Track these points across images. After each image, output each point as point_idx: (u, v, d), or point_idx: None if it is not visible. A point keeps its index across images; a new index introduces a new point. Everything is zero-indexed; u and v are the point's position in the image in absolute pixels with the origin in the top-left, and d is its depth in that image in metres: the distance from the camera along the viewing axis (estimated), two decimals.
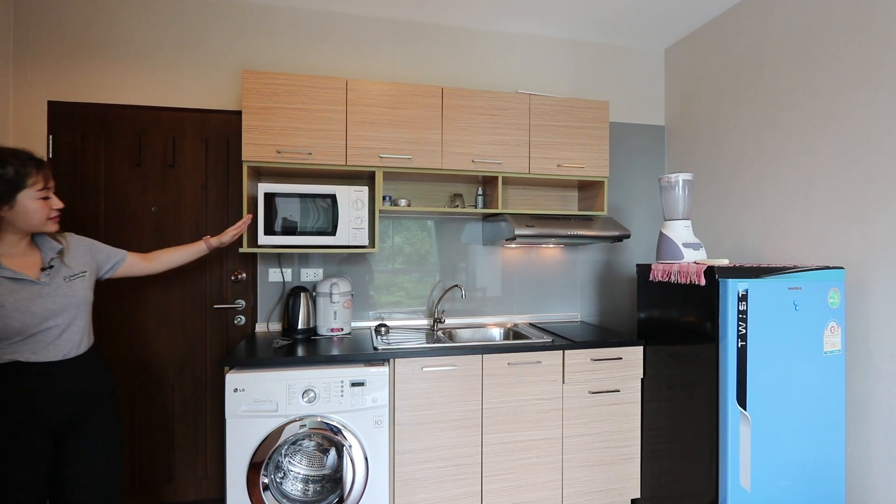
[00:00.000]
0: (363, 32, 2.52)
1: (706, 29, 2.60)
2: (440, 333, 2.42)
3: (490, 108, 2.31)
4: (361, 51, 2.51)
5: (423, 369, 1.96)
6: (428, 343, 2.19)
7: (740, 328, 1.71)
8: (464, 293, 2.42)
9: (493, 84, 2.67)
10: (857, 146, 1.84)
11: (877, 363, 1.78)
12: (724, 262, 1.84)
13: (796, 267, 1.79)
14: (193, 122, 2.31)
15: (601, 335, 2.29)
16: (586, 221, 2.37)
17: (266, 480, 1.76)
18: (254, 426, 1.75)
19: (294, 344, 2.07)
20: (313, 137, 2.11)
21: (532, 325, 2.60)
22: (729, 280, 1.71)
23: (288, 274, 2.41)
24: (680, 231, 2.09)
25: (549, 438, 2.10)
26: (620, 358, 2.17)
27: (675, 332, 1.98)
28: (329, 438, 1.86)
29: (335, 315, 2.24)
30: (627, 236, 2.35)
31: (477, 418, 2.02)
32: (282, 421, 1.77)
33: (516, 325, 2.59)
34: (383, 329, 2.35)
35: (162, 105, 2.29)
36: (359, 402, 1.83)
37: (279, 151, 2.08)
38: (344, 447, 1.81)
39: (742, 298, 1.71)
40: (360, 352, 1.92)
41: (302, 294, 2.23)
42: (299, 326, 2.20)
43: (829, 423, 1.80)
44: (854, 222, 1.85)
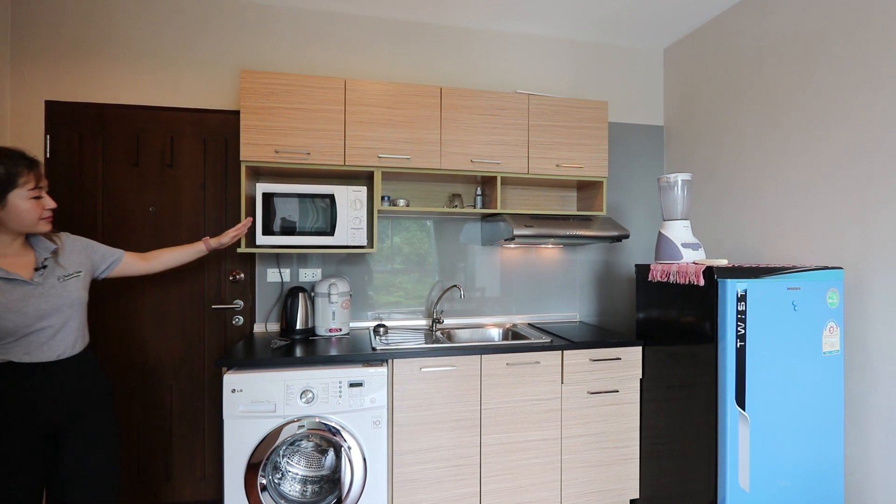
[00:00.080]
0: (362, 32, 2.51)
1: (705, 29, 2.60)
2: (439, 334, 2.42)
3: (489, 108, 2.31)
4: (360, 50, 2.51)
5: (422, 370, 1.96)
6: (427, 343, 2.18)
7: (739, 328, 1.71)
8: (462, 293, 2.41)
9: (492, 84, 2.67)
10: (857, 146, 1.84)
11: (876, 363, 1.78)
12: (723, 263, 1.84)
13: (795, 267, 1.79)
14: (192, 122, 2.30)
15: (600, 335, 2.29)
16: (585, 221, 2.37)
17: (264, 481, 1.76)
18: (252, 427, 1.75)
19: (292, 344, 2.07)
20: (312, 137, 2.11)
21: (531, 326, 2.60)
22: (728, 280, 1.71)
23: (286, 274, 2.41)
24: (679, 231, 2.09)
25: (548, 439, 2.10)
26: (619, 358, 2.17)
27: (674, 333, 1.98)
28: (327, 439, 1.86)
29: (333, 315, 2.23)
30: (626, 236, 2.35)
31: (476, 419, 2.02)
32: (280, 421, 1.76)
33: (515, 326, 2.59)
34: (382, 329, 2.35)
35: (160, 105, 2.28)
36: (357, 403, 1.82)
37: (277, 151, 2.07)
38: (342, 448, 1.80)
39: (741, 299, 1.71)
40: (359, 352, 1.92)
41: (300, 294, 2.22)
42: (297, 327, 2.20)
43: (828, 424, 1.80)
44: (853, 222, 1.85)
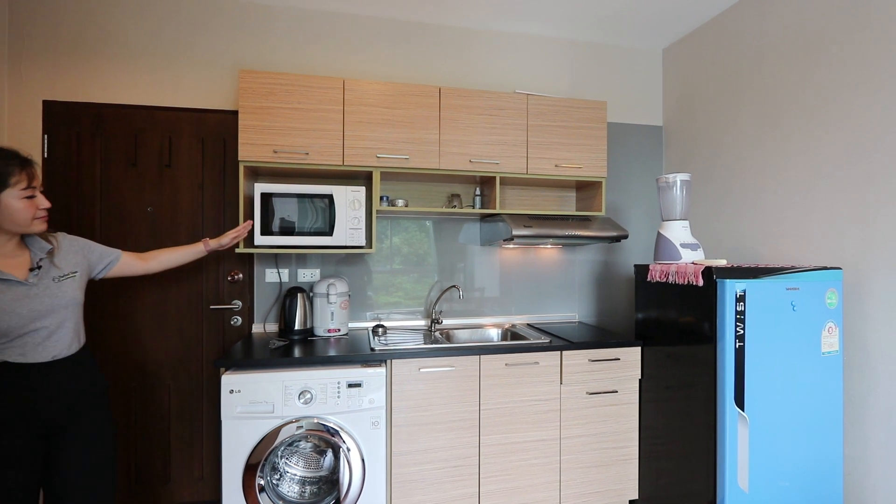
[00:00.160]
0: (361, 32, 2.51)
1: (704, 29, 2.60)
2: (438, 334, 2.41)
3: (488, 108, 2.30)
4: (360, 50, 2.50)
5: (421, 370, 1.96)
6: (425, 344, 2.18)
7: (738, 329, 1.70)
8: (461, 294, 2.41)
9: (491, 84, 2.66)
10: (856, 146, 1.84)
11: (875, 364, 1.78)
12: (722, 263, 1.84)
13: (794, 267, 1.78)
14: (190, 122, 2.30)
15: (599, 336, 2.29)
16: (584, 222, 2.37)
17: (262, 482, 1.76)
18: (250, 427, 1.74)
19: (291, 345, 2.06)
20: (310, 137, 2.10)
21: (530, 326, 2.60)
22: (727, 280, 1.71)
23: (285, 274, 2.40)
24: (678, 231, 2.09)
25: (547, 439, 2.10)
26: (618, 359, 2.17)
27: (673, 333, 1.98)
28: (326, 440, 1.85)
29: (332, 316, 2.23)
30: (625, 237, 2.35)
31: (474, 419, 2.02)
32: (278, 422, 1.76)
33: (514, 326, 2.58)
34: (380, 330, 2.34)
35: (158, 105, 2.28)
36: (356, 404, 1.82)
37: (276, 151, 2.07)
38: (341, 448, 1.80)
39: (740, 299, 1.70)
40: (357, 352, 1.92)
41: (299, 295, 2.22)
42: (296, 327, 2.19)
43: (827, 424, 1.80)
44: (852, 223, 1.85)
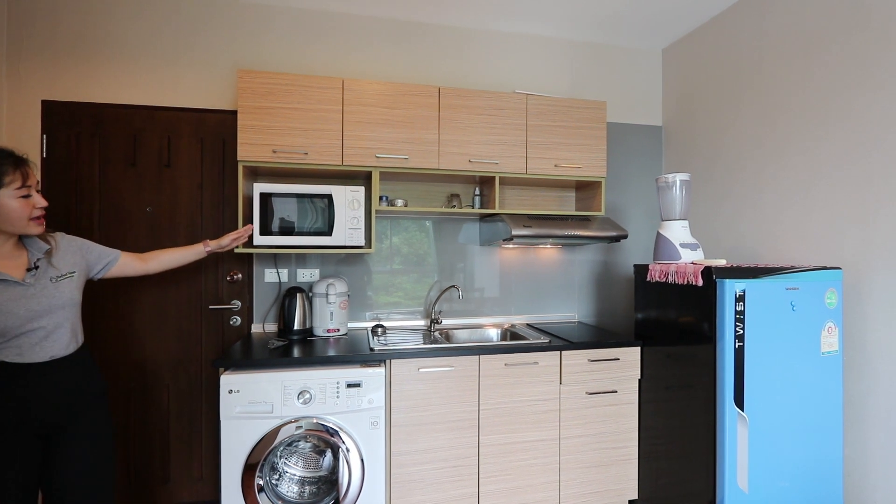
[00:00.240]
0: (361, 32, 2.51)
1: (704, 29, 2.59)
2: (437, 334, 2.41)
3: (487, 108, 2.30)
4: (359, 50, 2.50)
5: (420, 370, 1.95)
6: (425, 344, 2.17)
7: (738, 329, 1.70)
8: (461, 294, 2.41)
9: (491, 84, 2.66)
10: (856, 146, 1.83)
11: (874, 364, 1.78)
12: (722, 263, 1.84)
13: (794, 267, 1.78)
14: (189, 122, 2.30)
15: (598, 336, 2.29)
16: (583, 222, 2.37)
17: (261, 482, 1.75)
18: (249, 428, 1.74)
19: (290, 345, 2.06)
20: (309, 137, 2.10)
21: (529, 326, 2.59)
22: (726, 280, 1.71)
23: (284, 274, 2.40)
24: (677, 231, 2.08)
25: (547, 440, 2.09)
26: (618, 359, 2.17)
27: (673, 333, 1.98)
28: (325, 440, 1.85)
29: (331, 316, 2.23)
30: (625, 237, 2.34)
31: (474, 419, 2.01)
32: (277, 422, 1.76)
33: (514, 326, 2.58)
34: (380, 330, 2.34)
35: (157, 104, 2.27)
36: (355, 404, 1.82)
37: (275, 151, 2.06)
38: (340, 449, 1.80)
39: (739, 299, 1.70)
40: (357, 352, 1.91)
41: (298, 295, 2.22)
42: (295, 327, 2.19)
43: (827, 424, 1.80)
44: (852, 222, 1.85)
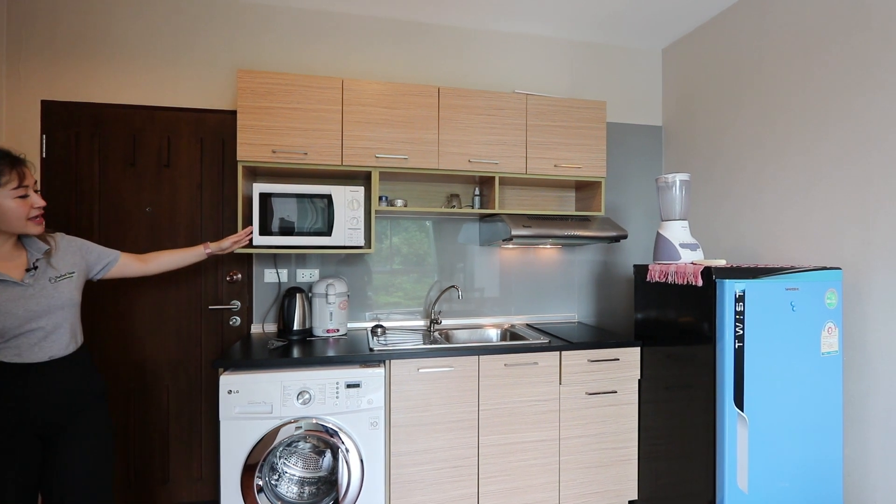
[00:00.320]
0: (360, 32, 2.50)
1: (704, 29, 2.59)
2: (437, 334, 2.41)
3: (487, 108, 2.30)
4: (359, 51, 2.50)
5: (420, 370, 1.95)
6: (424, 344, 2.17)
7: (737, 329, 1.70)
8: (460, 294, 2.40)
9: (491, 84, 2.66)
10: (856, 146, 1.83)
11: (874, 364, 1.78)
12: (722, 263, 1.83)
13: (793, 267, 1.78)
14: (188, 122, 2.29)
15: (598, 336, 2.29)
16: (583, 222, 2.37)
17: (260, 482, 1.75)
18: (248, 428, 1.74)
19: (289, 345, 2.06)
20: (309, 137, 2.10)
21: (529, 326, 2.59)
22: (726, 281, 1.70)
23: (284, 275, 2.40)
24: (677, 231, 2.08)
25: (546, 440, 2.09)
26: (617, 359, 2.17)
27: (673, 333, 1.97)
28: (324, 440, 1.85)
29: (331, 316, 2.23)
30: (624, 237, 2.34)
31: (473, 420, 2.01)
32: (277, 423, 1.75)
33: (513, 326, 2.58)
34: (379, 330, 2.34)
35: (157, 104, 2.27)
36: (354, 404, 1.82)
37: (275, 151, 2.06)
38: (339, 449, 1.79)
39: (739, 299, 1.70)
40: (356, 353, 1.91)
41: (298, 295, 2.22)
42: (295, 327, 2.19)
43: (827, 425, 1.79)
44: (852, 223, 1.85)
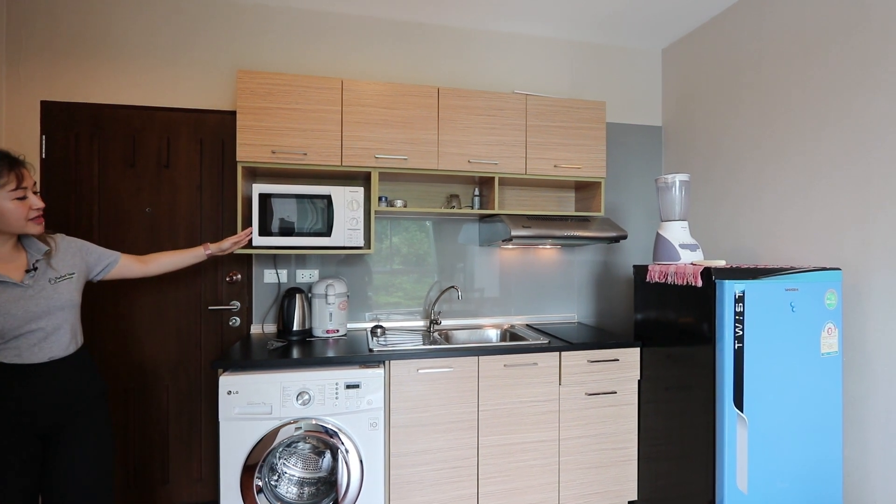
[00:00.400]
0: (360, 32, 2.50)
1: (704, 29, 2.59)
2: (436, 335, 2.41)
3: (486, 109, 2.30)
4: (358, 51, 2.50)
5: (419, 371, 1.95)
6: (424, 345, 2.17)
7: (737, 330, 1.70)
8: (460, 294, 2.40)
9: (490, 84, 2.66)
10: (855, 147, 1.83)
11: (874, 365, 1.77)
12: (721, 264, 1.83)
13: (793, 268, 1.78)
14: (188, 123, 2.29)
15: (598, 336, 2.28)
16: (583, 222, 2.36)
17: (260, 483, 1.75)
18: (248, 429, 1.74)
19: (289, 345, 2.06)
20: (308, 138, 2.10)
21: (529, 327, 2.59)
22: (725, 281, 1.70)
23: (283, 275, 2.40)
24: (677, 232, 2.08)
25: (546, 440, 2.09)
26: (617, 360, 2.16)
27: (672, 334, 1.97)
28: (324, 441, 1.84)
29: (331, 316, 2.23)
30: (624, 237, 2.34)
31: (473, 420, 2.01)
32: (276, 423, 1.75)
33: (513, 327, 2.58)
34: (379, 330, 2.34)
35: (156, 105, 2.27)
36: (354, 405, 1.82)
37: (274, 152, 2.06)
38: (339, 450, 1.79)
39: (739, 300, 1.70)
40: (356, 353, 1.91)
41: (297, 295, 2.22)
42: (294, 328, 2.19)
43: (827, 425, 1.79)
44: (851, 223, 1.84)
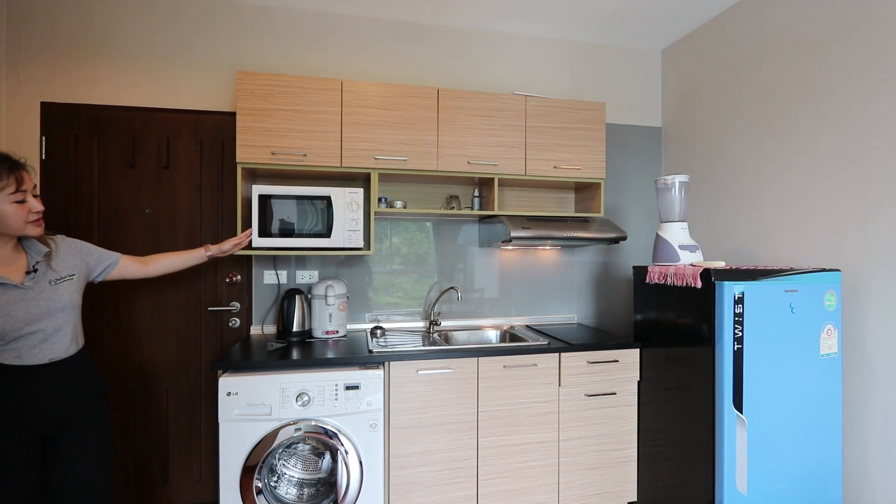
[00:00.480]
0: (360, 33, 2.50)
1: (703, 30, 2.59)
2: (436, 336, 2.41)
3: (486, 110, 2.30)
4: (358, 52, 2.50)
5: (419, 372, 1.95)
6: (423, 346, 2.17)
7: (736, 331, 1.70)
8: (460, 295, 2.41)
9: (490, 85, 2.66)
10: (855, 147, 1.83)
11: (873, 366, 1.77)
12: (721, 265, 1.83)
13: (793, 269, 1.78)
14: (188, 124, 2.29)
15: (597, 337, 2.29)
16: (583, 223, 2.37)
17: (259, 484, 1.75)
18: (247, 430, 1.74)
19: (288, 347, 2.06)
20: (308, 139, 2.10)
21: (528, 328, 2.59)
22: (725, 283, 1.70)
23: (283, 276, 2.40)
24: (676, 233, 2.08)
25: (546, 441, 2.09)
26: (617, 360, 2.16)
27: (672, 335, 1.97)
28: (324, 442, 1.85)
29: (330, 317, 2.23)
30: (624, 238, 2.34)
31: (473, 421, 2.01)
32: (276, 425, 1.76)
33: (513, 328, 2.58)
34: (379, 331, 2.34)
35: (156, 106, 2.27)
36: (353, 406, 1.82)
37: (274, 153, 2.06)
38: (339, 451, 1.80)
39: (738, 301, 1.70)
40: (356, 354, 1.91)
41: (297, 296, 2.22)
42: (294, 329, 2.19)
43: (826, 426, 1.79)
44: (851, 224, 1.84)
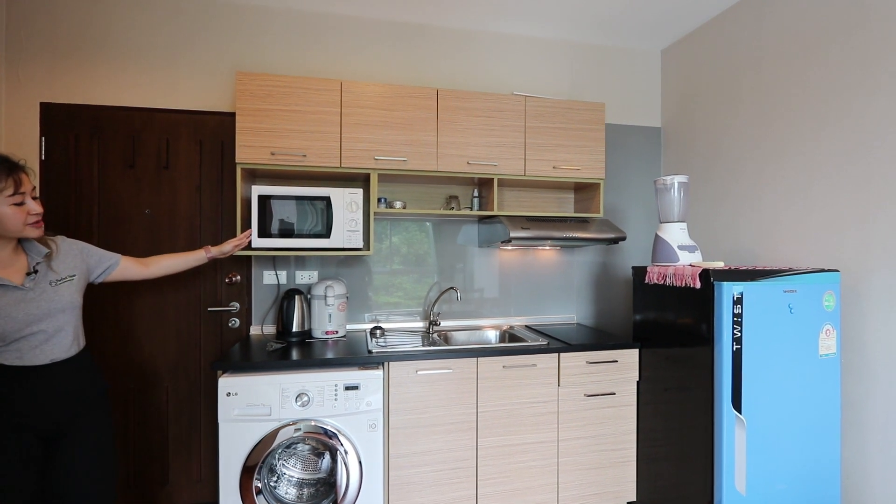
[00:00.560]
0: (359, 34, 2.51)
1: (703, 30, 2.59)
2: (435, 336, 2.41)
3: (486, 110, 2.30)
4: (358, 52, 2.50)
5: (418, 372, 1.96)
6: (423, 346, 2.18)
7: (735, 331, 1.70)
8: (459, 295, 2.41)
9: (490, 86, 2.66)
10: (855, 147, 1.83)
11: (872, 366, 1.78)
12: (720, 265, 1.84)
13: (792, 270, 1.78)
14: (187, 124, 2.30)
15: (597, 338, 2.29)
16: (582, 223, 2.37)
17: (259, 484, 1.75)
18: (247, 430, 1.74)
19: (288, 347, 2.06)
20: (308, 139, 2.10)
21: (528, 328, 2.60)
22: (724, 283, 1.71)
23: (283, 276, 2.40)
24: (675, 233, 2.08)
25: (545, 442, 2.09)
26: (616, 361, 2.17)
27: (671, 335, 1.98)
28: (323, 442, 1.85)
29: (330, 318, 2.23)
30: (623, 238, 2.34)
31: (472, 421, 2.02)
32: (275, 425, 1.76)
33: (512, 328, 2.58)
34: (378, 332, 2.34)
35: (156, 107, 2.27)
36: (353, 406, 1.82)
37: (274, 153, 2.07)
38: (338, 451, 1.80)
39: (737, 301, 1.70)
40: (355, 355, 1.92)
41: (297, 297, 2.22)
42: (294, 329, 2.19)
43: (825, 427, 1.80)
44: (850, 224, 1.85)
